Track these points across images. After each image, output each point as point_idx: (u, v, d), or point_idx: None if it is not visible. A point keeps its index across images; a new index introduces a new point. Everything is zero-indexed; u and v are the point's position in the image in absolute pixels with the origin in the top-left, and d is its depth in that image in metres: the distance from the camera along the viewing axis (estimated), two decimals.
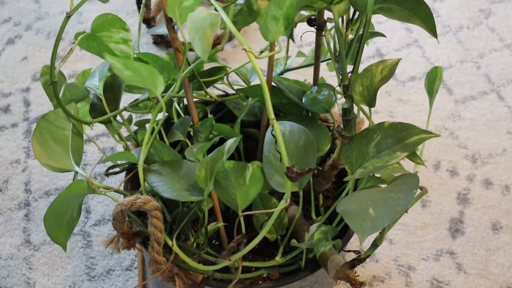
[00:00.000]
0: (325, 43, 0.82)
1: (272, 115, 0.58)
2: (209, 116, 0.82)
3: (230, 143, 0.65)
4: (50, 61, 0.65)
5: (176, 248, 0.66)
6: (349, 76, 0.65)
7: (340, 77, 0.66)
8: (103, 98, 0.75)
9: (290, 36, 0.72)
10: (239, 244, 0.64)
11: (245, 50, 0.56)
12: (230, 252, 0.64)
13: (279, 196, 0.76)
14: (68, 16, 0.62)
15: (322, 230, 0.68)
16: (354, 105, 0.66)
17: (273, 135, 0.60)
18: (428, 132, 0.62)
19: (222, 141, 0.75)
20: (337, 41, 0.65)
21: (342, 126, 0.67)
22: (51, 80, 0.65)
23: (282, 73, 0.92)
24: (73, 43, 0.66)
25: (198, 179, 0.63)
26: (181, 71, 0.68)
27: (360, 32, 0.63)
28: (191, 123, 0.77)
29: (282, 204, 0.59)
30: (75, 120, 0.71)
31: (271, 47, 0.73)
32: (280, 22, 0.62)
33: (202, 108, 0.88)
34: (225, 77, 0.85)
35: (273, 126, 0.58)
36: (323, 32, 0.74)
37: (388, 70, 0.69)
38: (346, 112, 0.66)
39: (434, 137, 0.63)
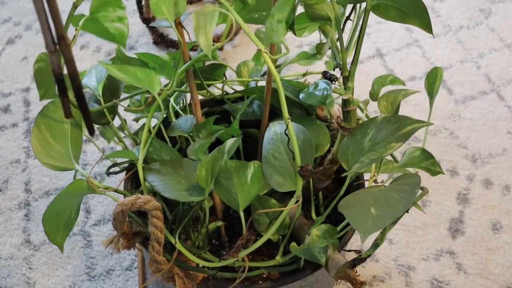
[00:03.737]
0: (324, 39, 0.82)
1: (286, 114, 0.61)
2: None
3: (231, 143, 0.65)
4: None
5: (179, 246, 0.66)
6: (348, 67, 0.65)
7: (335, 63, 0.66)
8: (101, 100, 0.75)
9: (292, 29, 0.73)
10: (247, 241, 0.63)
11: (261, 50, 0.60)
12: (238, 249, 0.64)
13: (278, 197, 0.76)
14: (75, 6, 0.63)
15: (322, 228, 0.68)
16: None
17: (286, 135, 0.63)
18: (421, 121, 0.63)
19: (218, 141, 0.75)
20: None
21: (341, 117, 0.67)
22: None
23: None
24: (75, 30, 0.66)
25: (199, 179, 0.63)
26: (178, 66, 0.68)
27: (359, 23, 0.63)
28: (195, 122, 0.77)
29: (292, 202, 0.60)
30: (73, 106, 0.70)
31: (271, 48, 0.73)
32: (284, 25, 0.63)
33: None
34: (223, 78, 0.85)
35: (287, 126, 0.61)
36: None
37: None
38: (346, 103, 0.66)
39: (430, 129, 0.63)
